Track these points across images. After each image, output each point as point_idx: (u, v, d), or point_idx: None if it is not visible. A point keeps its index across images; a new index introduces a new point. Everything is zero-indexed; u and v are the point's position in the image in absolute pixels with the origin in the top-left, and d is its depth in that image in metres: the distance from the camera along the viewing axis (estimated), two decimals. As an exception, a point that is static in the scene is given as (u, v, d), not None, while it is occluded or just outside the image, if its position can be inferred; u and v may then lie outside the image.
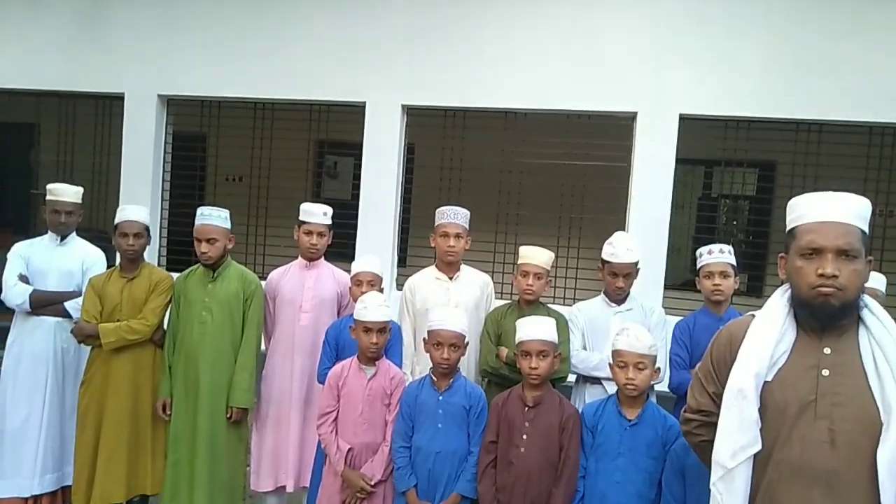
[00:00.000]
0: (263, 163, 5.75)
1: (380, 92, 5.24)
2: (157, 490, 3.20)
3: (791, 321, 1.64)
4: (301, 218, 3.36)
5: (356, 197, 5.41)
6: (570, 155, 5.00)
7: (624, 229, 4.92)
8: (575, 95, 4.98)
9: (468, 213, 3.34)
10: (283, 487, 3.26)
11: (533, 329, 2.49)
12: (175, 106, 5.80)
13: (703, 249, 3.20)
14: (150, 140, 5.62)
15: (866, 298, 1.64)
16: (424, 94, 5.20)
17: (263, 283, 3.35)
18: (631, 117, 4.96)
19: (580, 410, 2.52)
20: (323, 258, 3.43)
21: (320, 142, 5.93)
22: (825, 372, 1.56)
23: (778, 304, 1.67)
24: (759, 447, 1.59)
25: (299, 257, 3.41)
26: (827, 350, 1.58)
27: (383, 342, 2.66)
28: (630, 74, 4.90)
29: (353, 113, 5.35)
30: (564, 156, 5.00)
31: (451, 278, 3.26)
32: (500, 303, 3.29)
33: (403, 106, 5.25)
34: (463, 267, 3.33)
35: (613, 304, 3.09)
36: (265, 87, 5.44)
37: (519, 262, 3.09)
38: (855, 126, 4.70)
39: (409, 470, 2.53)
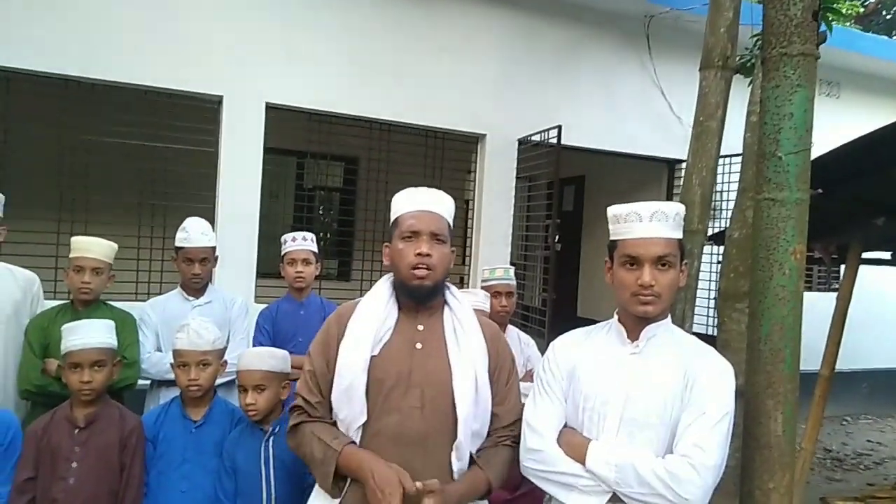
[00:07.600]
0: None
1: None
2: None
3: (393, 303, 1.75)
4: None
5: None
6: (150, 136, 4.51)
7: (214, 217, 4.71)
8: (155, 71, 4.51)
9: (1, 196, 2.70)
10: None
11: (83, 335, 2.13)
12: None
13: (287, 237, 3.23)
14: None
15: (448, 284, 1.82)
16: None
17: None
18: (217, 101, 4.76)
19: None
20: None
21: None
22: (419, 345, 1.71)
23: (382, 288, 1.78)
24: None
25: None
26: (420, 327, 1.74)
27: None
28: (215, 57, 4.68)
29: None
30: (142, 136, 4.49)
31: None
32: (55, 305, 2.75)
33: None
34: (-3, 264, 2.68)
35: (191, 297, 2.89)
36: None
37: (71, 255, 2.62)
38: (414, 128, 5.43)
39: None
